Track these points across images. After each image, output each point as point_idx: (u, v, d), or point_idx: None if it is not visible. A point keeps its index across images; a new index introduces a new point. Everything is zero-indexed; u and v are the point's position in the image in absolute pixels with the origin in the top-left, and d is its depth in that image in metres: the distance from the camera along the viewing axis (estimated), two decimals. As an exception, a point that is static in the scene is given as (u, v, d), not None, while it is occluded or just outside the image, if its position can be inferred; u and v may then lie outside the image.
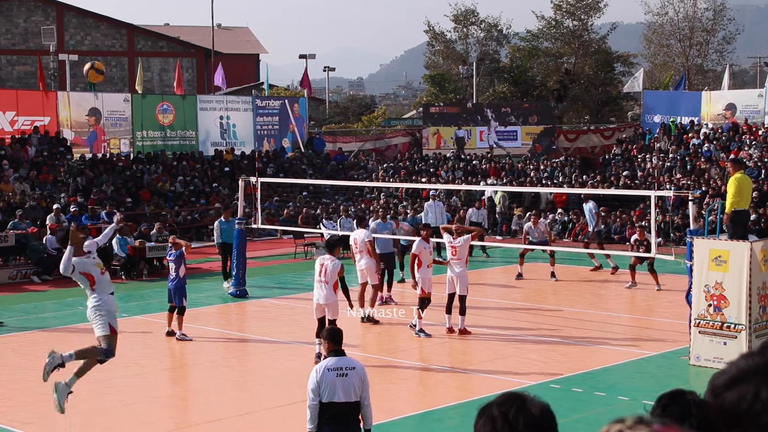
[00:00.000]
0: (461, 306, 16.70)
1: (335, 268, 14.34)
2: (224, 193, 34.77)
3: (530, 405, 2.70)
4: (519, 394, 2.75)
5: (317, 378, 8.50)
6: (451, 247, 16.89)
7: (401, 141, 46.12)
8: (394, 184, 34.20)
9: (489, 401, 2.76)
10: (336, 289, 14.38)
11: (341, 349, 8.73)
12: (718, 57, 58.71)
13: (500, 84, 58.83)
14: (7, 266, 23.96)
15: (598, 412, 11.84)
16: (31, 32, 55.67)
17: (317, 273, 14.40)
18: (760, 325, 14.09)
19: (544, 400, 2.77)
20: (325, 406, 8.49)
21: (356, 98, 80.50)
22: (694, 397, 3.05)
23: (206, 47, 59.17)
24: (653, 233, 17.31)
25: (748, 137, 36.69)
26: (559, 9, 56.70)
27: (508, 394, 2.76)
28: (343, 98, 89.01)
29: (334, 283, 14.33)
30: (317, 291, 14.43)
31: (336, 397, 8.44)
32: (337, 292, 14.45)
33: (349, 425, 8.57)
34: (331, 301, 14.34)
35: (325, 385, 8.45)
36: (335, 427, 8.49)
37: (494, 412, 2.70)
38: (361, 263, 18.46)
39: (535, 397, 2.76)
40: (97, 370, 15.14)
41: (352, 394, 8.48)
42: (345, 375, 8.49)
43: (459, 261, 16.78)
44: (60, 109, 35.44)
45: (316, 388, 8.50)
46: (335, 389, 8.44)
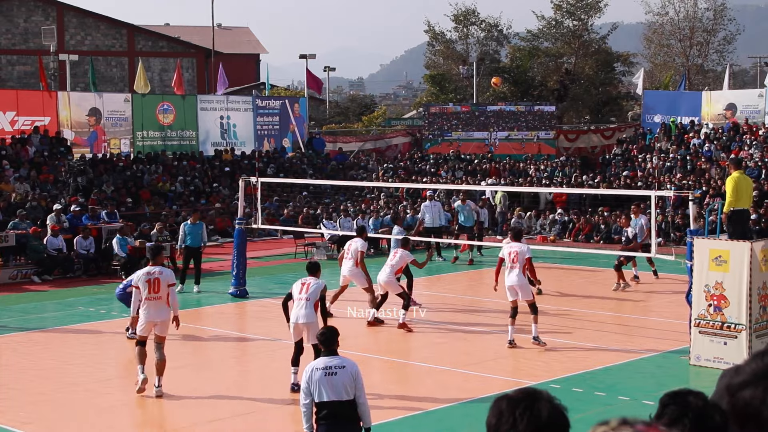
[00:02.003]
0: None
1: (318, 287, 12.97)
2: (224, 193, 34.80)
3: (541, 406, 2.65)
4: (535, 393, 2.70)
5: (306, 378, 8.61)
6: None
7: (401, 141, 46.14)
8: (394, 184, 34.21)
9: (506, 393, 2.74)
10: (316, 310, 12.90)
11: (334, 349, 8.76)
12: (718, 57, 58.70)
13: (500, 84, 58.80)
14: (8, 266, 23.95)
15: (598, 412, 11.84)
16: (32, 32, 55.68)
17: (297, 291, 12.99)
18: (760, 325, 14.09)
19: (561, 404, 2.69)
20: (318, 405, 8.56)
21: (356, 98, 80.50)
22: (697, 398, 3.04)
23: (206, 47, 59.19)
24: (653, 233, 17.30)
25: (748, 137, 36.70)
26: (559, 9, 56.69)
27: (525, 390, 2.72)
28: (343, 98, 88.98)
29: (315, 302, 12.88)
30: (296, 310, 12.87)
31: (325, 396, 8.48)
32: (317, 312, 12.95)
33: (343, 424, 8.57)
34: (311, 320, 12.78)
35: (314, 385, 8.52)
36: (329, 426, 8.53)
37: (503, 405, 2.68)
38: (344, 269, 18.22)
39: (553, 399, 2.69)
40: (98, 371, 15.17)
41: (342, 392, 8.48)
42: (334, 374, 8.51)
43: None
44: (60, 109, 35.45)
45: (306, 387, 8.60)
46: (324, 388, 8.48)
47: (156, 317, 12.96)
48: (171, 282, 13.09)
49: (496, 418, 2.66)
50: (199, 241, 22.28)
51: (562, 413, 2.67)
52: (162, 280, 12.94)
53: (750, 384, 2.56)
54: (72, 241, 24.98)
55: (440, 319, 18.50)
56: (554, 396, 2.71)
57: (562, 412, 2.67)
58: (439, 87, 58.07)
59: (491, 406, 2.71)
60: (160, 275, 12.98)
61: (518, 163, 40.30)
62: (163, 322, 13.03)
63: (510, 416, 2.63)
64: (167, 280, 13.02)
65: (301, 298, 12.86)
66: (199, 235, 22.32)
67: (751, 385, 2.56)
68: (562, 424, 2.67)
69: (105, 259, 24.88)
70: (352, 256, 18.13)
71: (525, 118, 44.04)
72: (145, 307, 12.93)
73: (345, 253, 18.54)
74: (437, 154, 42.23)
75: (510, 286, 15.83)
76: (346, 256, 18.34)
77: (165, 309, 12.96)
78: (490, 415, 2.69)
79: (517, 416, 2.62)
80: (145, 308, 12.94)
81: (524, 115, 44.17)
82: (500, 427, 2.64)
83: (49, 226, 25.16)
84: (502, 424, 2.64)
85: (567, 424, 2.67)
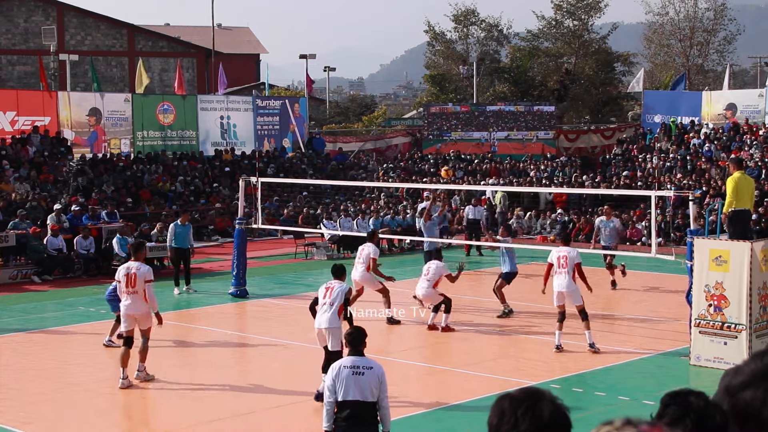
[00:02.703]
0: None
1: (342, 291, 12.68)
2: (224, 193, 34.81)
3: (543, 406, 2.63)
4: (538, 393, 2.68)
5: (333, 375, 8.52)
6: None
7: (401, 141, 46.15)
8: (394, 184, 34.22)
9: (509, 392, 2.72)
10: (340, 315, 12.57)
11: (361, 350, 8.73)
12: (718, 57, 58.70)
13: (500, 84, 58.81)
14: (8, 266, 23.95)
15: (598, 412, 11.83)
16: (32, 32, 55.66)
17: (321, 295, 12.69)
18: (760, 325, 14.09)
19: (563, 404, 2.67)
20: (341, 404, 8.49)
21: (356, 98, 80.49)
22: (698, 398, 3.03)
23: (206, 47, 59.19)
24: (653, 233, 17.29)
25: (748, 137, 36.70)
26: (559, 9, 56.69)
27: (528, 390, 2.70)
28: (343, 98, 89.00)
29: (339, 306, 12.55)
30: (319, 315, 12.62)
31: (351, 395, 8.43)
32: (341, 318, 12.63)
33: (363, 425, 8.53)
34: (334, 325, 12.45)
35: (340, 383, 8.46)
36: (349, 427, 8.47)
37: (505, 405, 2.66)
38: (355, 274, 17.74)
39: (556, 399, 2.67)
40: (97, 371, 15.16)
41: (368, 393, 8.46)
42: (362, 374, 8.48)
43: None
44: (60, 109, 35.45)
45: (332, 385, 8.51)
46: (350, 387, 8.43)
47: (134, 311, 13.53)
48: (148, 278, 13.58)
49: (497, 417, 2.65)
50: (186, 242, 22.14)
51: (565, 414, 2.65)
52: (139, 276, 13.46)
53: (750, 385, 2.56)
54: (72, 241, 24.97)
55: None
56: (557, 396, 2.69)
57: (564, 413, 2.65)
58: (439, 87, 58.07)
59: (493, 405, 2.70)
60: (137, 270, 13.52)
61: (518, 163, 40.29)
62: (142, 315, 13.59)
63: (512, 416, 2.62)
64: (144, 276, 13.51)
65: (325, 302, 12.62)
66: (186, 236, 22.18)
67: (751, 386, 2.56)
68: (564, 424, 2.64)
69: (105, 259, 24.87)
70: (363, 262, 17.82)
71: (524, 118, 44.04)
72: (124, 300, 13.58)
73: (357, 257, 18.16)
74: (437, 154, 42.22)
75: (559, 291, 15.56)
76: (358, 261, 17.98)
77: (143, 303, 13.51)
78: (491, 414, 2.68)
79: (519, 416, 2.61)
80: (124, 302, 13.58)
81: (523, 115, 44.18)
82: (502, 426, 2.62)
83: (49, 226, 25.15)
84: (503, 424, 2.62)
85: (569, 425, 2.65)
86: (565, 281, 15.43)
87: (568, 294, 15.49)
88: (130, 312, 13.53)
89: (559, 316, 15.54)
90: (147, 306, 13.57)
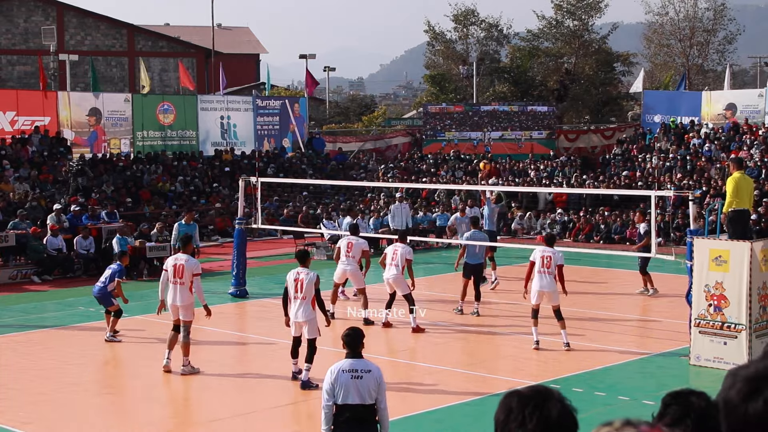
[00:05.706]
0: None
1: (311, 281, 13.00)
2: (224, 193, 34.81)
3: (551, 406, 2.60)
4: (546, 392, 2.65)
5: (332, 379, 8.48)
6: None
7: (401, 141, 46.14)
8: (394, 184, 34.22)
9: (517, 389, 2.69)
10: (314, 305, 13.02)
11: (359, 352, 8.70)
12: (718, 57, 58.67)
13: (500, 84, 58.81)
14: (7, 266, 23.95)
15: (598, 412, 11.83)
16: (32, 32, 55.66)
17: (292, 289, 13.05)
18: (760, 325, 14.09)
19: (571, 405, 2.64)
20: (340, 407, 8.48)
21: (356, 98, 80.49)
22: (699, 398, 3.03)
23: (206, 47, 59.19)
24: (653, 233, 17.28)
25: (748, 137, 36.69)
26: (559, 9, 56.67)
27: (536, 388, 2.67)
28: (343, 98, 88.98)
29: (312, 298, 12.97)
30: (294, 309, 13.04)
31: (350, 398, 8.42)
32: (315, 307, 13.08)
33: (364, 428, 8.52)
34: (309, 317, 12.96)
35: (339, 386, 8.44)
36: (350, 429, 8.45)
37: (513, 402, 2.63)
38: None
39: (564, 399, 2.64)
40: (98, 370, 15.17)
41: (366, 396, 8.45)
42: (360, 377, 8.47)
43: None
44: (60, 109, 35.44)
45: (330, 389, 8.48)
46: (349, 391, 8.42)
47: (179, 301, 13.92)
48: (196, 271, 14.08)
49: (505, 414, 2.61)
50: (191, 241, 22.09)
51: (572, 414, 2.62)
52: (187, 267, 13.95)
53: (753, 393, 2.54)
54: (72, 241, 24.97)
55: (440, 319, 18.49)
56: (565, 396, 2.66)
57: (571, 413, 2.62)
58: (439, 87, 58.05)
59: (501, 401, 2.67)
60: (185, 262, 14.00)
61: (518, 163, 40.27)
62: (185, 306, 13.93)
63: (519, 414, 2.58)
64: (192, 268, 14.00)
65: (297, 297, 13.09)
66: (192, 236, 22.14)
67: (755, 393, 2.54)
68: (571, 425, 2.61)
69: (105, 259, 24.81)
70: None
71: (518, 118, 44.00)
72: (170, 290, 13.99)
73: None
74: (437, 154, 42.21)
75: (539, 290, 15.60)
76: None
77: (188, 294, 13.91)
78: (498, 410, 2.64)
79: (526, 414, 2.57)
80: (170, 292, 13.99)
81: (518, 115, 44.15)
82: (509, 423, 2.59)
83: (49, 226, 25.15)
84: (510, 421, 2.59)
85: (576, 426, 2.62)
86: (547, 281, 15.57)
87: (549, 294, 15.64)
88: (176, 302, 13.93)
89: (532, 313, 15.80)
90: (191, 297, 13.95)
